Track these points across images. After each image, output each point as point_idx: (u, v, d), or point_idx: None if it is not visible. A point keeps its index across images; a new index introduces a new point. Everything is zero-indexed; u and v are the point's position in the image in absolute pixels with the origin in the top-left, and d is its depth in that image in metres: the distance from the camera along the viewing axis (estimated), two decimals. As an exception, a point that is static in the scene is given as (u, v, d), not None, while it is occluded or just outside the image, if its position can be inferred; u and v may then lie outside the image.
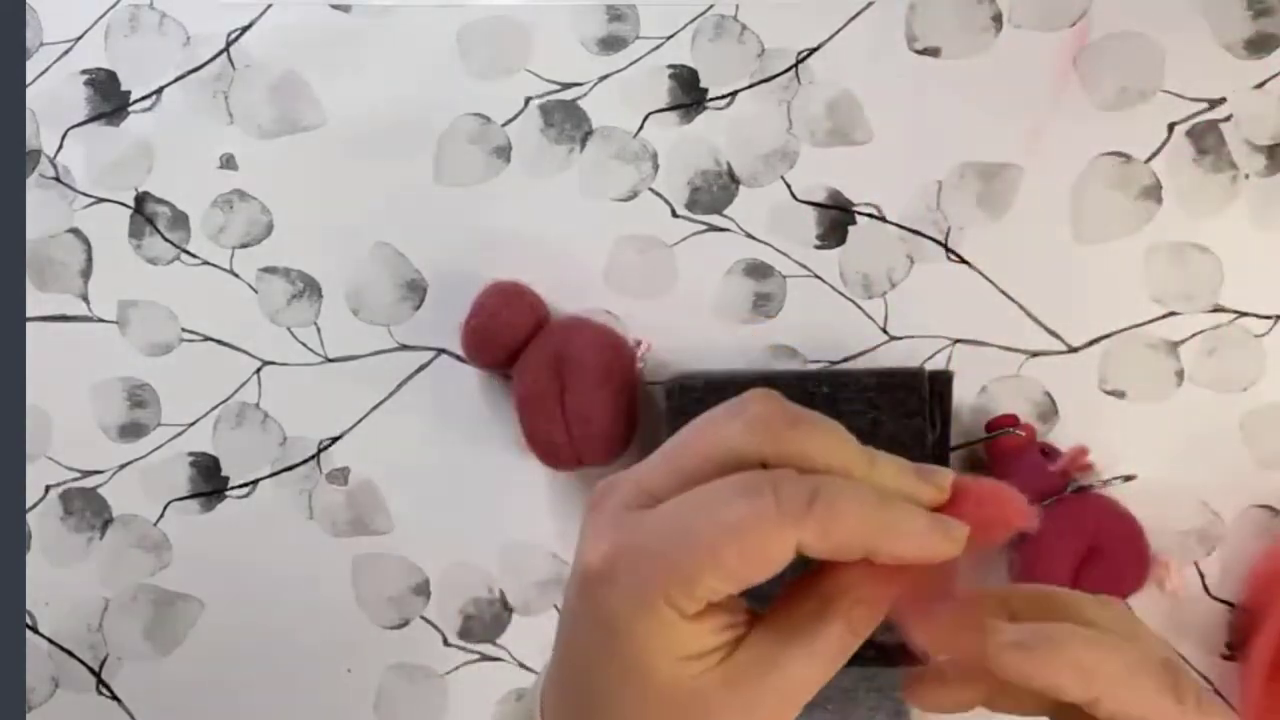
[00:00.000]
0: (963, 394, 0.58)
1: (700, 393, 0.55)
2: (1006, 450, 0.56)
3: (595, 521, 0.32)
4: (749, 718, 0.30)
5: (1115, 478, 0.56)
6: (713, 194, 0.60)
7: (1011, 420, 0.56)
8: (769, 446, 0.31)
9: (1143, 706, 0.29)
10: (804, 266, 0.60)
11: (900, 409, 0.54)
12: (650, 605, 0.29)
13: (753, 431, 0.31)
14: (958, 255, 0.59)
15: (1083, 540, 0.55)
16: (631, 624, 0.30)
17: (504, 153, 0.61)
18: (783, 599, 0.31)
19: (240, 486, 0.62)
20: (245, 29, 0.62)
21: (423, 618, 0.62)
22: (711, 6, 0.60)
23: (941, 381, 0.56)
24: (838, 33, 0.60)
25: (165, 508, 0.62)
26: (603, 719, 0.31)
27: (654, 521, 0.30)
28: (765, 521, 0.29)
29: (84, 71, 0.63)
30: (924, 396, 0.54)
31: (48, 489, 0.63)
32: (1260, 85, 0.58)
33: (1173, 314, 0.58)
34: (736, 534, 0.29)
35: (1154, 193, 0.58)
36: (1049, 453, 0.57)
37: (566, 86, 0.61)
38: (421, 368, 0.61)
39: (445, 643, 0.62)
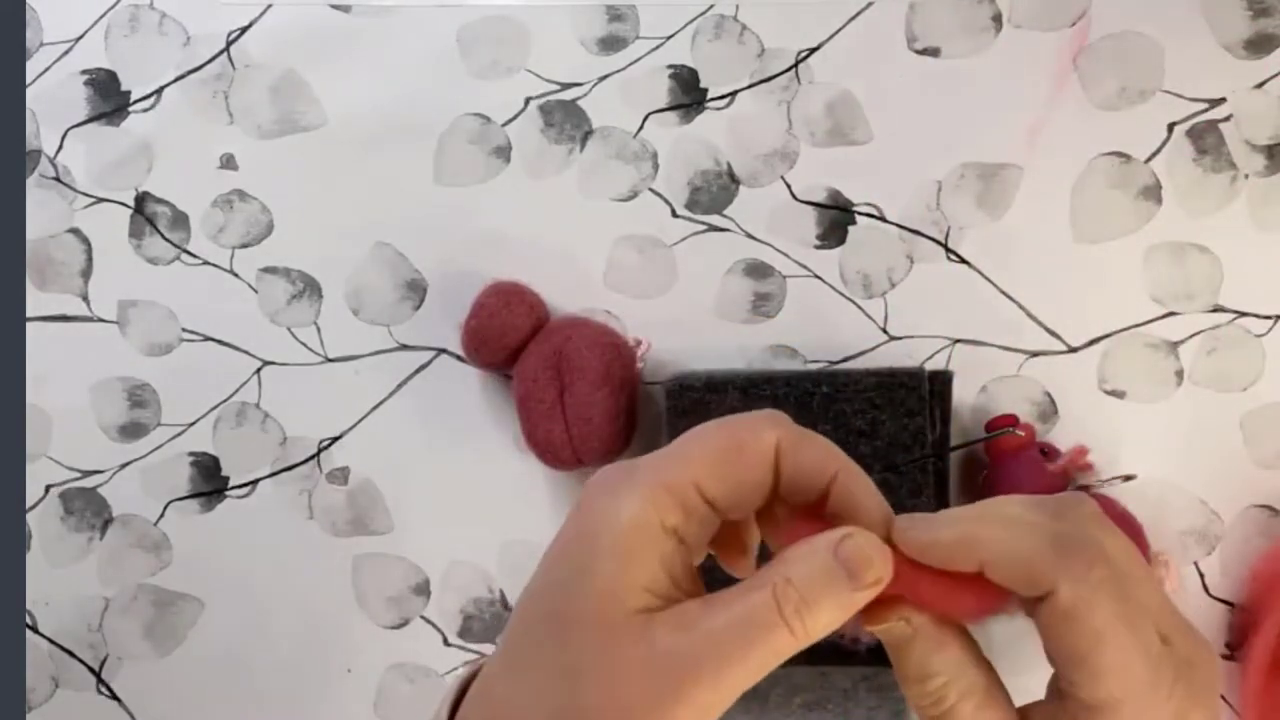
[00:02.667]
0: (963, 394, 0.58)
1: (700, 392, 0.55)
2: (1006, 450, 0.56)
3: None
4: (666, 666, 0.30)
5: (1115, 477, 0.56)
6: (713, 194, 0.60)
7: (1011, 420, 0.56)
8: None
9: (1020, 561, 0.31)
10: (804, 266, 0.60)
11: (900, 409, 0.54)
12: (616, 491, 0.31)
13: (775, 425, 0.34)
14: (958, 255, 0.59)
15: (1083, 540, 0.54)
16: (594, 511, 0.31)
17: (504, 153, 0.61)
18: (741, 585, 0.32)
19: (240, 486, 0.62)
20: (245, 29, 0.62)
21: (423, 618, 0.62)
22: (711, 6, 0.60)
23: (941, 381, 0.56)
24: (838, 33, 0.60)
25: (165, 508, 0.62)
26: (563, 628, 0.31)
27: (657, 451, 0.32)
28: (749, 420, 0.32)
29: (84, 71, 0.63)
30: (924, 396, 0.54)
31: (48, 489, 0.63)
32: (1260, 85, 0.58)
33: (1172, 314, 0.58)
34: (723, 425, 0.32)
35: (1154, 193, 0.58)
36: (1049, 452, 0.57)
37: (566, 86, 0.61)
38: (421, 368, 0.61)
39: (445, 643, 0.62)
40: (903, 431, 0.54)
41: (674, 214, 0.60)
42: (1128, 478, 0.56)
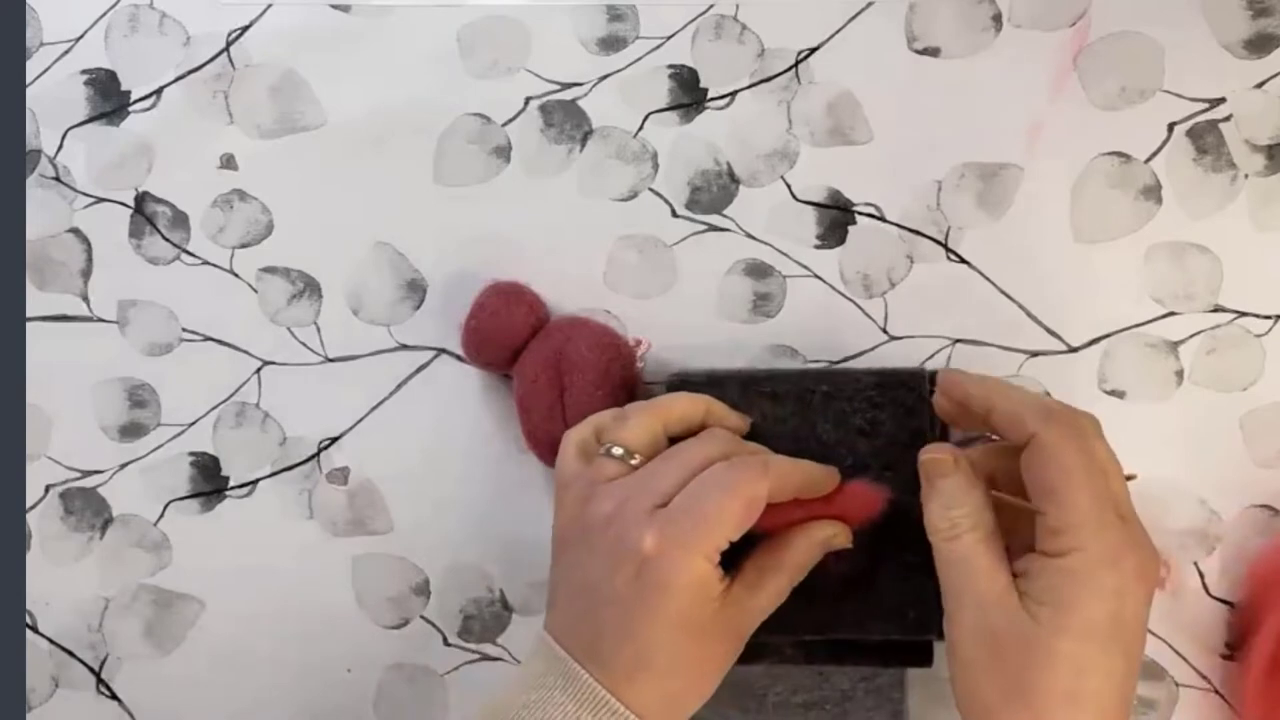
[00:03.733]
0: (963, 394, 0.58)
1: (701, 389, 0.55)
2: None
3: (629, 525, 0.46)
4: (735, 623, 0.48)
5: None
6: (713, 194, 0.60)
7: None
8: (735, 448, 0.50)
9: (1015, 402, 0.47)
10: (804, 266, 0.60)
11: (900, 409, 0.54)
12: (694, 562, 0.46)
13: (725, 444, 0.50)
14: (958, 255, 0.59)
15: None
16: (682, 578, 0.45)
17: (504, 153, 0.61)
18: (750, 561, 0.49)
19: (240, 486, 0.62)
20: (245, 29, 0.62)
21: (423, 618, 0.62)
22: (711, 6, 0.60)
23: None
24: (838, 33, 0.60)
25: (165, 508, 0.62)
26: (653, 657, 0.46)
27: (678, 509, 0.46)
28: (748, 478, 0.47)
29: (84, 71, 0.63)
30: (924, 396, 0.54)
31: (48, 489, 0.63)
32: (1260, 85, 0.58)
33: (1173, 314, 0.58)
34: (735, 491, 0.47)
35: (1154, 193, 0.58)
36: None
37: (566, 86, 0.61)
38: (421, 368, 0.61)
39: (445, 643, 0.62)
40: (902, 431, 0.54)
41: (674, 214, 0.60)
42: (1128, 477, 0.56)
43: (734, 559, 0.48)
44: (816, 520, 0.50)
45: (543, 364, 0.57)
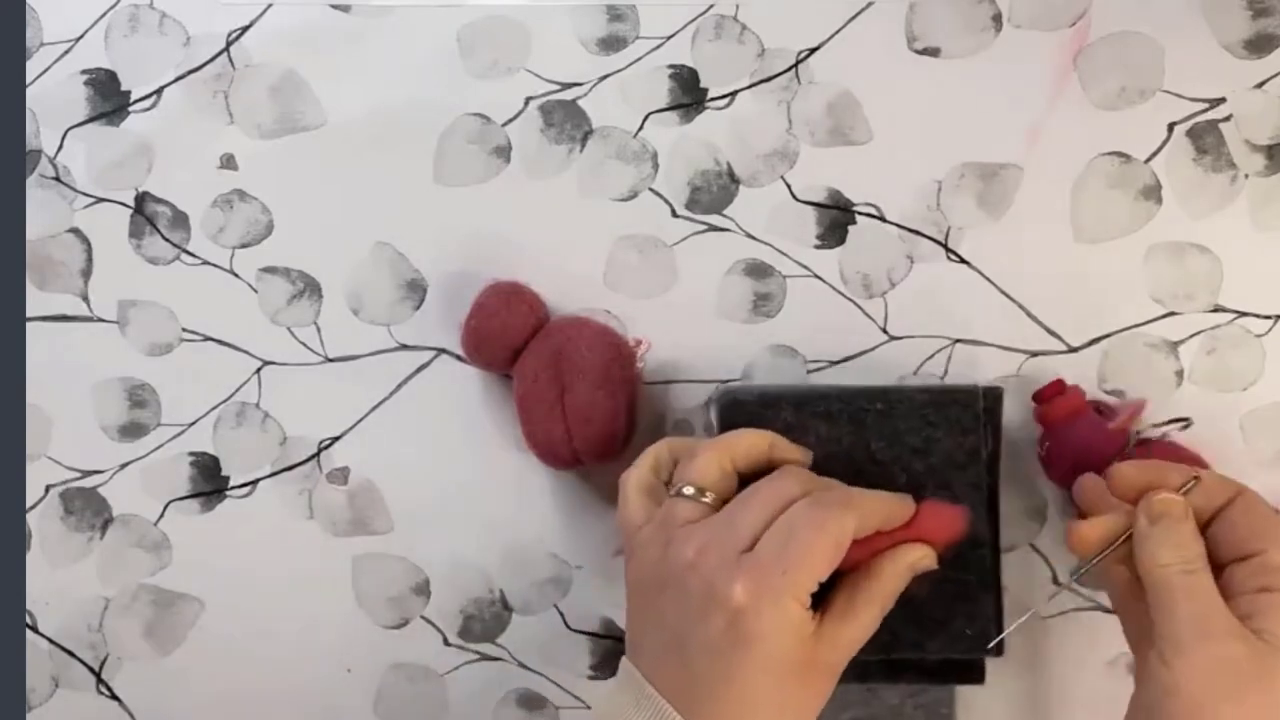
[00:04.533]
0: (963, 394, 0.58)
1: (754, 407, 0.55)
2: (1060, 417, 0.56)
3: (717, 572, 0.46)
4: (830, 659, 0.47)
5: (1170, 422, 0.57)
6: (713, 194, 0.60)
7: (1060, 387, 0.56)
8: (813, 485, 0.49)
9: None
10: (804, 266, 0.60)
11: (955, 426, 0.53)
12: (786, 608, 0.45)
13: (803, 482, 0.49)
14: (958, 255, 0.59)
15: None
16: (776, 627, 0.45)
17: (504, 153, 0.61)
18: (839, 594, 0.48)
19: (240, 486, 0.62)
20: (245, 29, 0.62)
21: (423, 618, 0.62)
22: (711, 6, 0.60)
23: (992, 398, 0.55)
24: (838, 33, 0.60)
25: (165, 507, 0.62)
26: (753, 706, 0.45)
27: (765, 554, 0.46)
28: (834, 516, 0.47)
29: (84, 71, 0.62)
30: (978, 414, 0.54)
31: (48, 489, 0.63)
32: (1260, 85, 0.58)
33: (1173, 314, 0.58)
34: (822, 531, 0.46)
35: (1154, 193, 0.58)
36: (1104, 410, 0.56)
37: (566, 86, 0.61)
38: (421, 368, 0.61)
39: (445, 643, 0.62)
40: (958, 449, 0.53)
41: (674, 214, 0.60)
42: (1181, 421, 0.57)
43: (820, 592, 0.47)
44: (901, 545, 0.49)
45: (543, 364, 0.57)
